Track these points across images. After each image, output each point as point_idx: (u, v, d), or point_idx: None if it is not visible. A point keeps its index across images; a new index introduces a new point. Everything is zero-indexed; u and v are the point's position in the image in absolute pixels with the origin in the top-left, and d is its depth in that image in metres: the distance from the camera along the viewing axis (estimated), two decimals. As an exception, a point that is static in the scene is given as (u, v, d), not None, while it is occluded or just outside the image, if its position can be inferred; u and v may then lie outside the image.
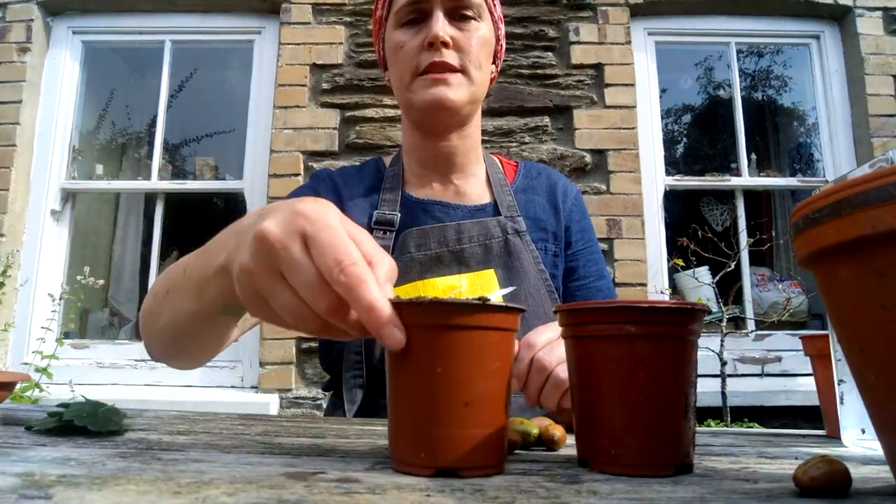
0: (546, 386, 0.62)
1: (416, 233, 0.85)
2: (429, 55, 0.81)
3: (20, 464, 0.36)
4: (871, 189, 0.28)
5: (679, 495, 0.33)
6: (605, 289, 0.95)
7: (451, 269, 0.84)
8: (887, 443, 0.32)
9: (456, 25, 0.83)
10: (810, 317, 2.62)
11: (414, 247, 0.84)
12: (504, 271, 0.85)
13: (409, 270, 0.83)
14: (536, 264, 0.87)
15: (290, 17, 2.40)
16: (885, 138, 2.33)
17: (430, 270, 0.84)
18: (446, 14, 0.83)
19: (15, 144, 2.31)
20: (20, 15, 2.42)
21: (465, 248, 0.85)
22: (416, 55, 0.83)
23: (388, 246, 0.85)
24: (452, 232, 0.86)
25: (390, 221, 0.87)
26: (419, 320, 0.38)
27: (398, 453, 0.39)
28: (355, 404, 0.82)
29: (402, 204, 0.89)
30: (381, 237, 0.86)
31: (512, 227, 0.88)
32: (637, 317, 0.39)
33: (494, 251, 0.85)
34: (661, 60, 2.52)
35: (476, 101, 0.87)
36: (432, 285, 0.83)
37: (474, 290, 0.83)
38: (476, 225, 0.87)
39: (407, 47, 0.83)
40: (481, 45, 0.85)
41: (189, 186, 2.66)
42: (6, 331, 2.22)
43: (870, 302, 0.30)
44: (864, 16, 2.45)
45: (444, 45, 0.81)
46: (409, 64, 0.83)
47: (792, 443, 0.59)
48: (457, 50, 0.83)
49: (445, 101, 0.82)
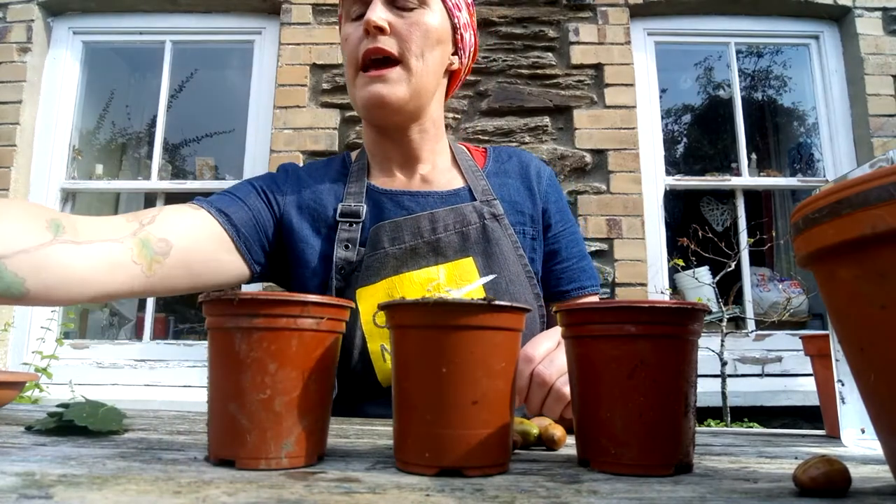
0: (548, 400, 0.62)
1: (388, 226, 0.82)
2: (366, 42, 0.79)
3: (20, 464, 0.36)
4: (871, 189, 0.28)
5: (679, 495, 0.33)
6: (588, 269, 0.91)
7: (427, 260, 0.81)
8: (887, 443, 0.32)
9: (396, 13, 0.80)
10: (810, 317, 2.62)
11: (387, 241, 0.81)
12: (483, 259, 0.82)
13: (384, 266, 0.80)
14: (515, 249, 0.84)
15: (291, 18, 2.40)
16: (885, 138, 2.33)
17: (406, 264, 0.80)
18: (387, 2, 0.80)
19: (15, 144, 2.31)
20: (21, 15, 2.42)
21: (440, 238, 0.81)
22: (356, 46, 0.81)
23: (354, 238, 0.82)
24: (426, 222, 0.82)
25: (356, 213, 0.84)
26: (425, 321, 0.38)
27: (403, 453, 0.39)
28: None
29: (367, 195, 0.87)
30: (348, 230, 0.83)
31: (489, 211, 0.84)
32: (637, 317, 0.39)
33: (472, 238, 0.82)
34: (660, 60, 2.52)
35: (420, 94, 0.83)
36: (409, 279, 0.80)
37: (453, 281, 0.80)
38: (451, 212, 0.83)
39: (350, 40, 0.82)
40: (424, 33, 0.81)
41: (189, 186, 2.65)
42: (6, 331, 2.22)
43: (870, 302, 0.30)
44: (863, 16, 2.45)
45: (380, 30, 0.78)
46: (351, 57, 0.82)
47: (792, 443, 0.59)
48: (395, 36, 0.80)
49: (383, 99, 0.80)
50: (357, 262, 0.81)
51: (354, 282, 0.81)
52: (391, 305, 0.40)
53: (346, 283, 0.81)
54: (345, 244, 0.83)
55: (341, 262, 0.81)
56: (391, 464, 0.40)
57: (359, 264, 0.81)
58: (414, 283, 0.80)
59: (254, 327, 0.39)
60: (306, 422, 0.39)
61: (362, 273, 0.81)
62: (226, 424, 0.38)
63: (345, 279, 0.82)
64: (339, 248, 0.82)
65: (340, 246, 0.82)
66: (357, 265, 0.81)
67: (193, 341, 2.36)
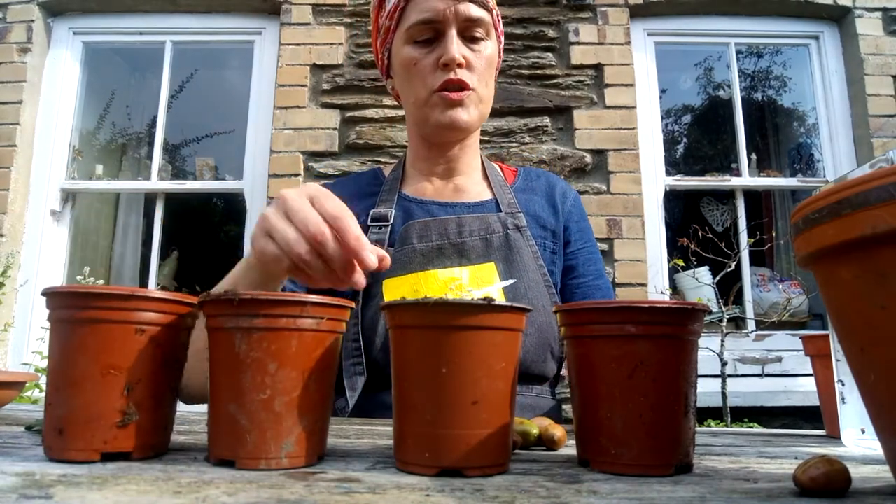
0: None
1: (417, 224, 0.87)
2: (443, 74, 0.84)
3: (20, 464, 0.37)
4: (872, 189, 0.28)
5: (679, 495, 0.33)
6: (605, 287, 0.96)
7: (452, 261, 0.85)
8: (887, 443, 0.32)
9: (468, 46, 0.86)
10: (810, 317, 2.62)
11: (416, 238, 0.86)
12: (504, 265, 0.86)
13: (410, 261, 0.85)
14: (535, 259, 0.88)
15: (291, 18, 2.40)
16: (885, 138, 2.33)
17: (432, 262, 0.85)
18: (459, 34, 0.85)
19: (15, 144, 2.31)
20: (21, 15, 2.42)
21: (465, 241, 0.86)
22: (430, 73, 0.85)
23: (383, 239, 0.87)
24: (454, 225, 0.87)
25: (385, 216, 0.89)
26: (425, 321, 0.38)
27: (403, 453, 0.39)
28: (357, 392, 0.82)
29: (398, 203, 0.92)
30: (377, 232, 0.88)
31: (512, 222, 0.89)
32: (637, 317, 0.39)
33: (495, 245, 0.87)
34: (660, 61, 2.52)
35: (484, 116, 0.91)
36: (434, 277, 0.84)
37: (475, 283, 0.84)
38: (477, 219, 0.88)
39: (420, 66, 0.86)
40: (488, 65, 0.88)
41: (189, 186, 2.65)
42: (6, 331, 2.22)
43: (870, 302, 0.30)
44: (863, 16, 2.45)
45: (459, 66, 0.84)
46: (423, 82, 0.86)
47: (792, 443, 0.59)
48: (468, 69, 0.85)
49: (459, 123, 0.86)
50: None
51: (381, 277, 0.85)
52: (391, 305, 0.40)
53: (373, 278, 0.85)
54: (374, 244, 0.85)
55: None
56: (391, 464, 0.40)
57: None
58: (438, 280, 0.83)
59: (254, 327, 0.39)
60: (306, 422, 0.39)
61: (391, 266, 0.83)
62: (226, 424, 0.38)
63: (373, 275, 0.85)
64: None
65: None
66: None
67: (193, 341, 2.36)
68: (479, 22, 0.86)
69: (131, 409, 0.40)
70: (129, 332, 0.40)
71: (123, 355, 0.40)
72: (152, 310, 0.41)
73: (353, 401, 0.81)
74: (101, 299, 0.40)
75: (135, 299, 0.40)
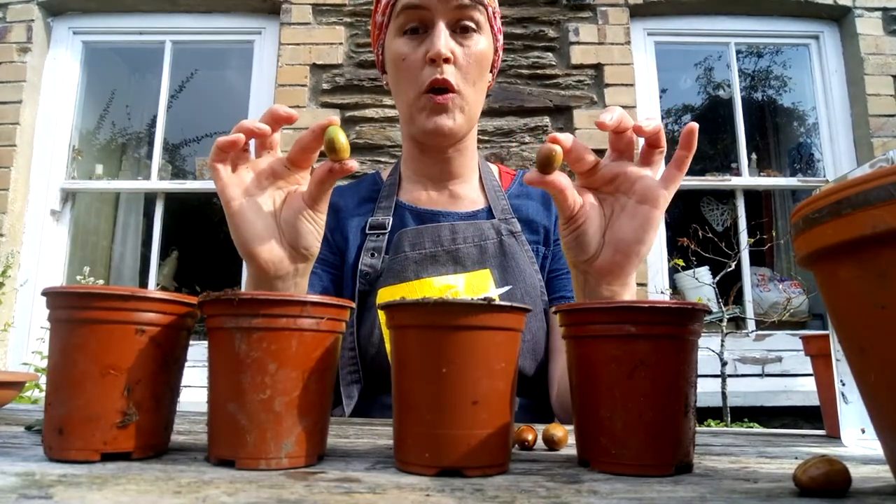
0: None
1: (410, 232, 0.87)
2: (431, 71, 0.81)
3: (20, 464, 0.37)
4: (871, 189, 0.28)
5: (679, 495, 0.33)
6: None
7: (446, 268, 0.85)
8: (887, 443, 0.32)
9: (457, 39, 0.83)
10: (811, 317, 2.62)
11: (408, 246, 0.85)
12: (499, 272, 0.85)
13: (404, 269, 0.84)
14: (532, 264, 0.87)
15: (290, 18, 2.40)
16: (885, 138, 2.33)
17: (426, 270, 0.84)
18: (448, 26, 0.82)
19: (15, 144, 2.31)
20: (21, 15, 2.42)
21: (460, 248, 0.86)
22: (418, 70, 0.82)
23: (380, 247, 0.87)
24: (447, 231, 0.86)
25: (382, 224, 0.89)
26: (424, 321, 0.38)
27: (403, 453, 0.39)
28: (353, 399, 0.83)
29: (395, 210, 0.91)
30: (374, 240, 0.88)
31: (506, 228, 0.88)
32: (637, 317, 0.39)
33: (490, 252, 0.86)
34: (660, 60, 2.52)
35: (472, 119, 0.87)
36: (429, 285, 0.83)
37: (471, 290, 0.83)
38: (471, 226, 0.87)
39: (408, 61, 0.83)
40: (477, 61, 0.84)
41: (189, 186, 2.65)
42: (6, 331, 2.22)
43: (870, 302, 0.29)
44: (863, 16, 2.45)
45: (446, 60, 0.81)
46: (411, 80, 0.83)
47: (792, 443, 0.59)
48: (456, 66, 0.82)
49: (444, 130, 0.83)
50: (382, 268, 0.86)
51: (377, 286, 0.85)
52: (391, 305, 0.40)
53: (370, 287, 0.85)
54: (371, 252, 0.88)
55: (367, 269, 0.86)
56: (391, 464, 0.40)
57: (383, 270, 0.86)
58: (434, 289, 0.83)
59: (254, 327, 0.39)
60: (306, 422, 0.39)
61: (384, 275, 0.85)
62: (226, 424, 0.38)
63: (370, 284, 0.86)
64: (366, 256, 0.87)
65: (367, 254, 0.87)
66: (381, 271, 0.86)
67: (193, 341, 2.35)
68: (470, 10, 0.82)
69: (131, 410, 0.39)
70: (128, 332, 0.40)
71: (123, 355, 0.40)
72: (152, 310, 0.41)
73: (350, 409, 0.82)
74: (101, 299, 0.40)
75: (135, 299, 0.40)
